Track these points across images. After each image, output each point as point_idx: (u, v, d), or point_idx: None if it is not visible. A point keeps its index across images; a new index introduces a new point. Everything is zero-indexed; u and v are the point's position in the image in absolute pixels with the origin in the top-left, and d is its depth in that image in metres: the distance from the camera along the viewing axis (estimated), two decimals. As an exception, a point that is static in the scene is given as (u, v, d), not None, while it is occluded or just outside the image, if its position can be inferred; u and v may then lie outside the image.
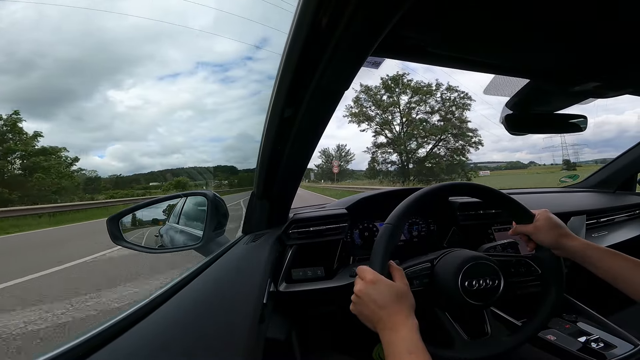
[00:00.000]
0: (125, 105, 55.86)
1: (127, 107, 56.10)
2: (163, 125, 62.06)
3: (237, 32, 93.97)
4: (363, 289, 0.52)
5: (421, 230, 1.02)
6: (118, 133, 57.50)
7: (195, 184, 30.23)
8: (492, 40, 0.53)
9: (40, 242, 5.84)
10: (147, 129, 62.07)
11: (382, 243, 0.57)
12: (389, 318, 0.48)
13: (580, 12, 0.44)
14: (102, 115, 50.99)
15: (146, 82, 66.72)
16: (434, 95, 22.56)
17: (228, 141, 76.41)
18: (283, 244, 0.87)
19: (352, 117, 23.98)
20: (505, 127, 0.80)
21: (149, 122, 61.80)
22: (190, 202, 1.14)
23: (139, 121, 61.43)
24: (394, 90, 23.16)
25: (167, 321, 0.44)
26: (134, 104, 58.58)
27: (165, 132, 62.56)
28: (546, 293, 0.64)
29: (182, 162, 62.16)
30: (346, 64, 0.43)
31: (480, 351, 0.58)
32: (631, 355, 0.70)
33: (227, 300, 0.53)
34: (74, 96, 49.40)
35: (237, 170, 47.52)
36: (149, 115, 61.30)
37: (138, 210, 0.88)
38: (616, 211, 1.27)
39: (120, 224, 0.84)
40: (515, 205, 0.69)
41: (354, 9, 0.34)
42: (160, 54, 70.12)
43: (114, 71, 63.68)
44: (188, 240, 0.94)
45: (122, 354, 0.37)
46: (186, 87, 75.64)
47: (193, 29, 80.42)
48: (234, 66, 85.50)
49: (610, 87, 0.71)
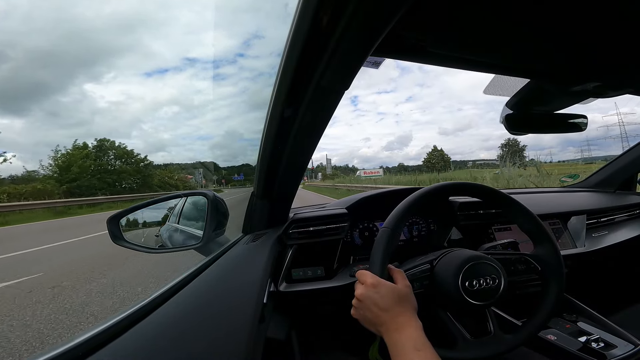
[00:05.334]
0: (106, 101, 54.93)
1: (108, 103, 55.17)
2: (148, 121, 61.36)
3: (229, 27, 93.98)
4: (364, 293, 0.52)
5: (421, 230, 1.02)
6: (99, 130, 56.55)
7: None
8: (492, 40, 0.53)
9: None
10: (130, 125, 61.31)
11: (381, 247, 0.57)
12: (392, 320, 0.48)
13: (581, 11, 0.44)
14: (81, 111, 50.03)
15: (128, 76, 66.10)
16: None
17: (216, 139, 77.03)
18: (283, 243, 0.87)
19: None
20: (505, 127, 0.80)
21: (133, 119, 61.00)
22: (190, 202, 1.15)
23: (121, 117, 60.60)
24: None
25: (167, 321, 0.44)
26: (115, 99, 57.63)
27: (150, 129, 61.92)
28: (547, 290, 0.64)
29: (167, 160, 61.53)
30: (346, 64, 0.43)
31: (483, 350, 0.58)
32: (631, 355, 0.70)
33: (227, 300, 0.53)
34: (48, 90, 48.36)
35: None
36: (132, 111, 60.52)
37: (138, 210, 0.88)
38: (616, 211, 1.27)
39: (120, 224, 0.84)
40: (515, 205, 0.69)
41: (354, 9, 0.34)
42: (142, 46, 69.45)
43: (91, 63, 62.63)
44: (188, 240, 0.94)
45: (122, 354, 0.37)
46: (172, 83, 75.41)
47: (180, 20, 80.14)
48: (224, 63, 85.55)
49: (610, 87, 0.71)
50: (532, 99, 0.75)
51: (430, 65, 0.57)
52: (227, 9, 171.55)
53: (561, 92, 0.72)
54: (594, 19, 0.46)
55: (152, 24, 72.44)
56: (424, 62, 0.56)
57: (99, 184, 23.23)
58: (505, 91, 0.76)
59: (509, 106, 0.79)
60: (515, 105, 0.78)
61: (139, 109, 62.74)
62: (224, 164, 53.76)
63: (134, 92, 65.81)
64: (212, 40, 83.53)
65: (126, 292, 2.73)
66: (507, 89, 0.75)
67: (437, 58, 0.56)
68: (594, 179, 1.54)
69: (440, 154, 63.74)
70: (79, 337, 0.38)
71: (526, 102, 0.76)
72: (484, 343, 0.59)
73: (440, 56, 0.55)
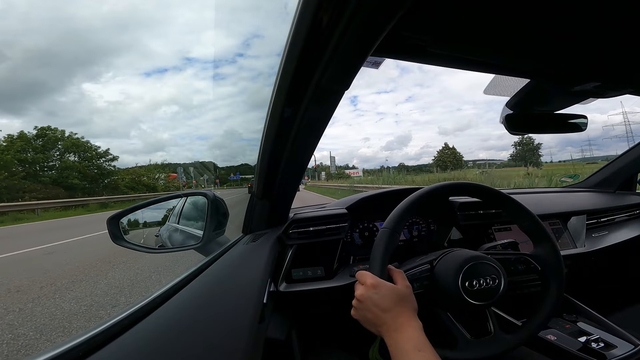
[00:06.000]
0: (104, 100, 54.47)
1: (107, 102, 54.75)
2: (146, 121, 60.96)
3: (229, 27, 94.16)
4: (364, 294, 0.52)
5: (421, 230, 1.02)
6: (98, 129, 56.06)
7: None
8: (492, 40, 0.53)
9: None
10: (129, 125, 60.90)
11: (381, 247, 0.57)
12: (393, 321, 0.48)
13: (581, 11, 0.44)
14: (79, 111, 49.55)
15: (127, 75, 65.77)
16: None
17: (214, 139, 76.57)
18: (283, 243, 0.87)
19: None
20: (505, 127, 0.80)
21: (131, 118, 60.60)
22: (190, 202, 1.15)
23: (120, 117, 60.19)
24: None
25: (167, 321, 0.44)
26: (114, 98, 57.16)
27: (149, 129, 61.58)
28: (547, 289, 0.64)
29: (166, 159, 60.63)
30: (346, 64, 0.43)
31: (484, 350, 0.58)
32: (631, 355, 0.70)
33: (226, 300, 0.53)
34: (45, 89, 48.04)
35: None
36: (131, 111, 60.13)
37: (138, 210, 0.88)
38: (616, 211, 1.27)
39: (120, 224, 0.84)
40: (514, 205, 0.69)
41: (354, 9, 0.34)
42: (141, 45, 69.32)
43: (89, 62, 62.17)
44: (188, 240, 0.94)
45: (122, 354, 0.37)
46: (172, 82, 75.21)
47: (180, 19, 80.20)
48: (224, 62, 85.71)
49: (610, 87, 0.71)
50: (532, 99, 0.75)
51: (430, 65, 0.57)
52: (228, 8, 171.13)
53: (561, 92, 0.72)
54: (594, 19, 0.46)
55: (151, 24, 72.39)
56: (424, 62, 0.56)
57: (29, 185, 17.84)
58: (505, 91, 0.76)
59: (509, 106, 0.79)
60: (515, 105, 0.78)
61: (137, 109, 62.64)
62: (222, 164, 53.33)
63: (133, 92, 65.63)
64: (212, 39, 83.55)
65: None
66: (507, 89, 0.75)
67: (437, 58, 0.56)
68: (594, 179, 1.54)
69: (452, 152, 60.28)
70: (79, 337, 0.38)
71: (526, 102, 0.76)
72: (485, 343, 0.59)
73: (440, 56, 0.55)
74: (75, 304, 2.50)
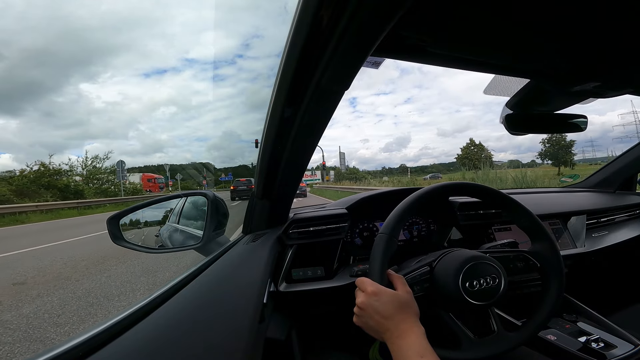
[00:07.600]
0: (102, 101, 54.07)
1: (105, 103, 54.33)
2: (145, 122, 60.48)
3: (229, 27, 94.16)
4: (365, 301, 0.52)
5: (421, 230, 1.02)
6: (95, 130, 55.62)
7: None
8: (492, 40, 0.53)
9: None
10: (127, 126, 60.49)
11: (379, 253, 0.57)
12: (395, 327, 0.48)
13: (581, 11, 0.44)
14: (77, 111, 49.28)
15: (125, 76, 65.43)
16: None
17: (213, 140, 75.92)
18: (283, 244, 0.87)
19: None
20: (505, 127, 0.80)
21: (130, 119, 60.20)
22: (190, 202, 1.15)
23: (118, 118, 59.77)
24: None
25: (167, 321, 0.44)
26: (112, 99, 56.50)
27: (147, 130, 61.08)
28: (547, 286, 0.64)
29: (164, 161, 59.10)
30: (346, 64, 0.43)
31: (489, 349, 0.58)
32: (631, 355, 0.70)
33: (227, 300, 0.53)
34: (43, 89, 47.87)
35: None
36: (129, 112, 59.75)
37: (138, 210, 0.88)
38: (616, 211, 1.27)
39: (120, 224, 0.84)
40: (512, 203, 0.69)
41: (354, 9, 0.34)
42: (139, 45, 69.25)
43: (87, 62, 61.89)
44: (188, 240, 0.94)
45: (122, 354, 0.37)
46: (171, 83, 75.01)
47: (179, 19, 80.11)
48: (224, 63, 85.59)
49: (610, 87, 0.71)
50: (532, 99, 0.75)
51: (430, 65, 0.57)
52: (227, 9, 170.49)
53: (561, 92, 0.72)
54: (594, 19, 0.46)
55: (150, 23, 72.18)
56: (424, 62, 0.56)
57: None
58: (505, 91, 0.76)
59: (509, 106, 0.79)
60: (515, 105, 0.78)
61: (136, 110, 62.47)
62: (220, 165, 51.67)
63: (131, 93, 65.42)
64: (212, 40, 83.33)
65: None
66: (507, 89, 0.75)
67: (437, 58, 0.56)
68: (593, 179, 1.54)
69: (479, 148, 51.17)
70: (79, 337, 0.38)
71: (526, 102, 0.76)
72: (489, 342, 0.59)
73: (440, 56, 0.55)
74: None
